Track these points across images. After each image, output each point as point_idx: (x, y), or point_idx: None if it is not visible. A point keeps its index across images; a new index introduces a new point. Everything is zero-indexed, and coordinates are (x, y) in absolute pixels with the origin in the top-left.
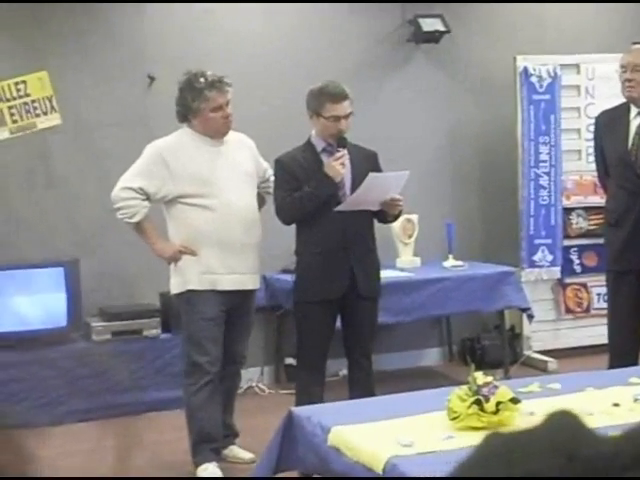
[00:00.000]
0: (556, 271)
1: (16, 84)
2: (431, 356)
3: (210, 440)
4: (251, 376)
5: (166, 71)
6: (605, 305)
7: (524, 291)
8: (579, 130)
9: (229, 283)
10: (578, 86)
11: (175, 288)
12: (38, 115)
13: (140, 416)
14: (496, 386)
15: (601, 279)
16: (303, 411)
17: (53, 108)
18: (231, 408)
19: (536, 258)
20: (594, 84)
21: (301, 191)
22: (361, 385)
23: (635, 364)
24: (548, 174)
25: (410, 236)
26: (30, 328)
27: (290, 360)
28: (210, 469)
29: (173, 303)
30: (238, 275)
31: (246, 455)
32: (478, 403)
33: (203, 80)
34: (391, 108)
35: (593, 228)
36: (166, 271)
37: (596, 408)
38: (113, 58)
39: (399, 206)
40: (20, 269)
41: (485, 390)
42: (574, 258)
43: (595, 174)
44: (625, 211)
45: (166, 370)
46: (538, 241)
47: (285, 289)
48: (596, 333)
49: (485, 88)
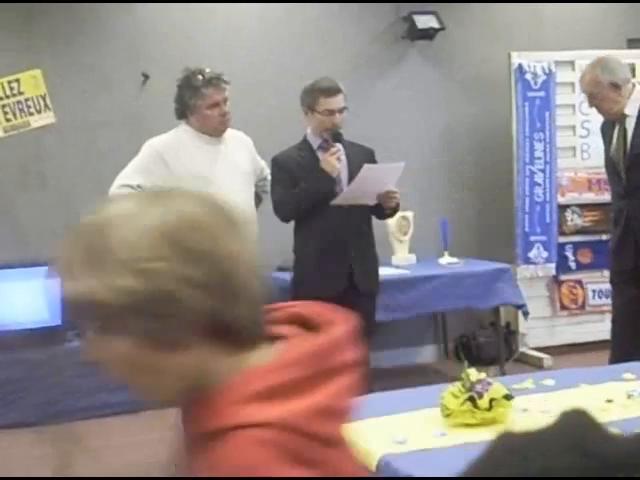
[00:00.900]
0: (551, 268)
1: (9, 82)
2: (426, 353)
3: None
4: None
5: (160, 69)
6: (600, 302)
7: (519, 288)
8: (574, 127)
9: None
10: (573, 83)
11: None
12: (32, 114)
13: (139, 414)
14: (489, 383)
15: (596, 276)
16: None
17: (47, 106)
18: None
19: (531, 255)
20: None
21: (298, 187)
22: None
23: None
24: (543, 171)
25: (405, 233)
26: (24, 327)
27: None
28: None
29: None
30: None
31: None
32: (471, 400)
33: (200, 77)
34: (386, 105)
35: (588, 225)
36: None
37: (589, 404)
38: (107, 56)
39: (395, 198)
40: (14, 268)
41: (478, 387)
42: (569, 255)
43: (590, 171)
44: (617, 214)
45: None
46: (533, 238)
47: (281, 287)
48: (591, 330)
49: (480, 85)
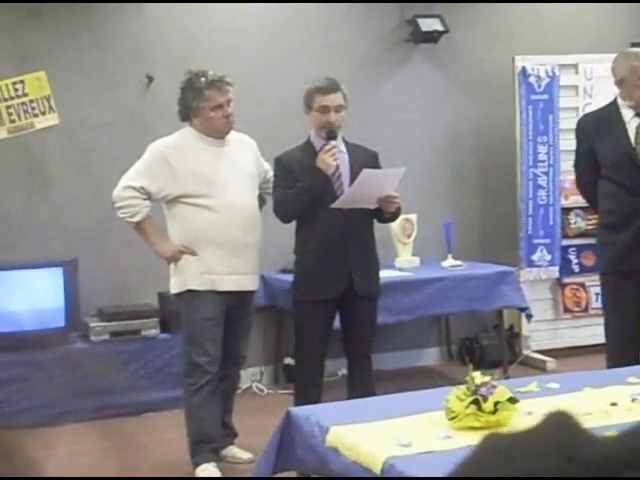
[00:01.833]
0: (554, 271)
1: (14, 84)
2: (430, 356)
3: (209, 440)
4: (250, 376)
5: (164, 71)
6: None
7: (522, 291)
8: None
9: (229, 283)
10: (576, 86)
11: (175, 288)
12: (36, 115)
13: (139, 416)
14: (494, 386)
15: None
16: (301, 411)
17: (51, 108)
18: (230, 408)
19: (535, 258)
20: (592, 84)
21: (295, 187)
22: (361, 385)
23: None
24: (547, 174)
25: (409, 236)
26: (28, 329)
27: (289, 360)
28: (209, 469)
29: (171, 303)
30: (238, 276)
31: (245, 455)
32: (476, 403)
33: (204, 79)
34: (390, 108)
35: (591, 228)
36: (164, 271)
37: (594, 408)
38: (111, 58)
39: (395, 203)
40: (18, 269)
41: (483, 390)
42: (572, 258)
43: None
44: (630, 211)
45: (165, 370)
46: (537, 241)
47: (284, 289)
48: (594, 332)
49: (483, 88)
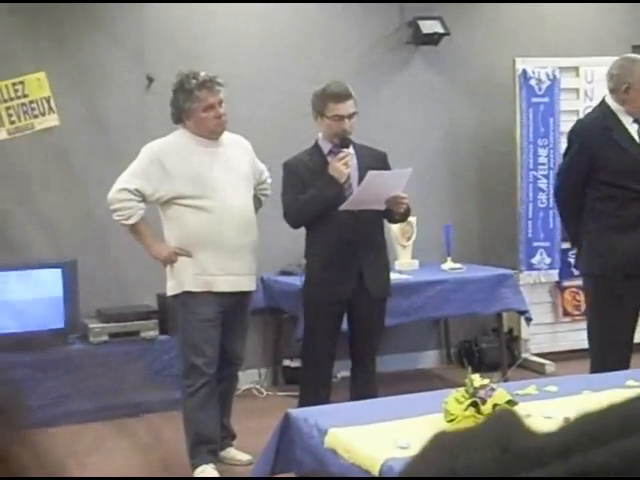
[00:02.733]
0: (554, 274)
1: (14, 85)
2: (429, 358)
3: (207, 442)
4: (249, 378)
5: (164, 72)
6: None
7: (522, 294)
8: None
9: (225, 284)
10: (577, 89)
11: (171, 290)
12: (36, 116)
13: (138, 417)
14: (493, 388)
15: None
16: (300, 413)
17: (51, 109)
18: (228, 410)
19: (534, 261)
20: (593, 87)
21: (307, 194)
22: (364, 386)
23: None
24: (547, 177)
25: (408, 239)
26: (28, 329)
27: (288, 362)
28: (207, 471)
29: (170, 305)
30: (234, 276)
31: (243, 457)
32: (475, 405)
33: (194, 81)
34: (390, 110)
35: None
36: (163, 273)
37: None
38: (111, 59)
39: (403, 204)
40: (17, 270)
41: (482, 392)
42: (572, 261)
43: None
44: (636, 216)
45: (163, 372)
46: (536, 244)
47: (284, 291)
48: None
49: (484, 90)
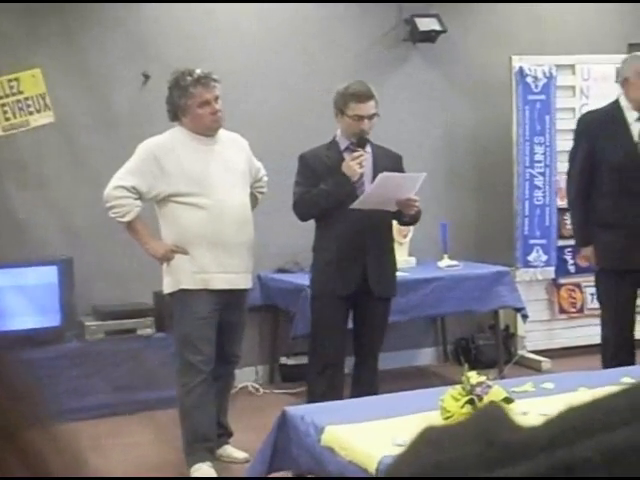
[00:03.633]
0: (550, 271)
1: (9, 81)
2: (426, 356)
3: (204, 440)
4: (246, 376)
5: (161, 69)
6: (598, 305)
7: (518, 291)
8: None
9: (222, 282)
10: (573, 87)
11: (168, 287)
12: (31, 113)
13: (134, 415)
14: (489, 386)
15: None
16: (297, 411)
17: (46, 106)
18: (225, 407)
19: (531, 258)
20: (589, 85)
21: (318, 188)
22: (366, 383)
23: (632, 361)
24: (543, 174)
25: (405, 236)
26: (23, 327)
27: (285, 360)
28: (204, 469)
29: (167, 302)
30: (231, 274)
31: (240, 455)
32: (471, 402)
33: (189, 78)
34: (387, 108)
35: None
36: (160, 270)
37: None
38: (107, 56)
39: (414, 206)
40: (13, 268)
41: (478, 390)
42: (568, 258)
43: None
44: (630, 211)
45: (160, 369)
46: (533, 241)
47: (280, 288)
48: (590, 333)
49: (481, 88)
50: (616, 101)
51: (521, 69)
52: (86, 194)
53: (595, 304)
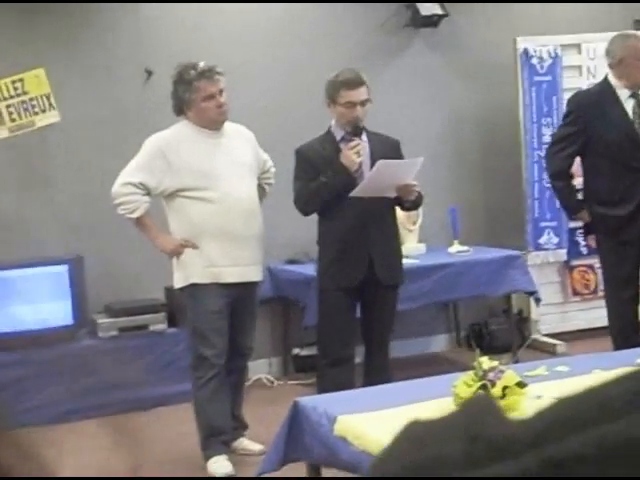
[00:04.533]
0: (562, 253)
1: (13, 82)
2: (439, 342)
3: (219, 433)
4: (259, 368)
5: (164, 65)
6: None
7: (530, 274)
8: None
9: (232, 275)
10: (580, 66)
11: (178, 282)
12: (36, 113)
13: (148, 411)
14: (502, 370)
15: None
16: (309, 401)
17: (51, 105)
18: (239, 400)
19: (542, 241)
20: (595, 64)
21: (317, 181)
22: (378, 372)
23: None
24: None
25: (414, 223)
26: (36, 327)
27: (297, 350)
28: (220, 462)
29: (178, 297)
30: (241, 267)
31: (256, 447)
32: (484, 388)
33: (193, 71)
34: (391, 94)
35: None
36: (170, 265)
37: None
38: (110, 53)
39: (414, 191)
40: (24, 268)
41: (491, 375)
42: (580, 240)
43: None
44: (630, 187)
45: (173, 364)
46: (543, 224)
47: (290, 280)
48: (604, 315)
49: (486, 71)
50: (606, 79)
51: (526, 50)
52: (94, 192)
53: None
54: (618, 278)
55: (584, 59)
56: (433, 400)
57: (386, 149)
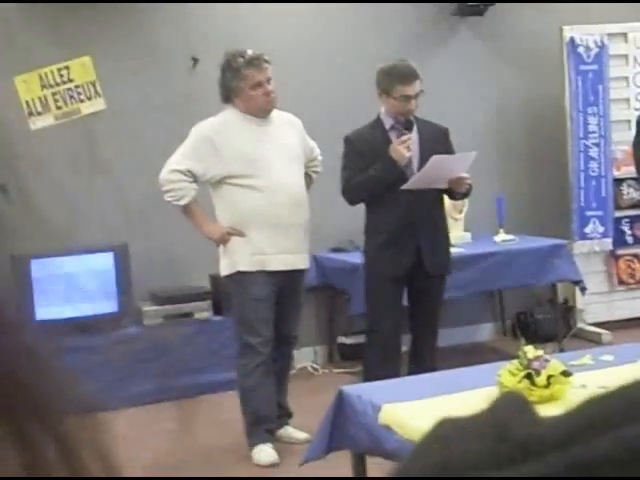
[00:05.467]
0: (608, 243)
1: (59, 70)
2: (484, 331)
3: (264, 421)
4: (304, 356)
5: (210, 52)
6: None
7: (576, 264)
8: (628, 100)
9: (278, 263)
10: (626, 55)
11: (225, 270)
12: (82, 100)
13: (194, 399)
14: (547, 359)
15: None
16: (354, 390)
17: (97, 93)
18: (284, 388)
19: (587, 230)
20: None
21: (366, 174)
22: (423, 361)
23: None
24: (597, 145)
25: (460, 212)
26: (82, 314)
27: (343, 339)
28: (265, 450)
29: (223, 285)
30: (287, 255)
31: (300, 435)
32: (529, 377)
33: (241, 59)
34: (437, 83)
35: None
36: (216, 253)
37: None
38: (156, 41)
39: (465, 184)
40: (69, 255)
41: (536, 364)
42: (626, 229)
43: None
44: None
45: (218, 352)
46: (589, 213)
47: (337, 268)
48: None
49: (532, 60)
50: None
51: (572, 39)
52: (140, 179)
53: None
54: None
55: (631, 48)
56: (478, 389)
57: (435, 139)
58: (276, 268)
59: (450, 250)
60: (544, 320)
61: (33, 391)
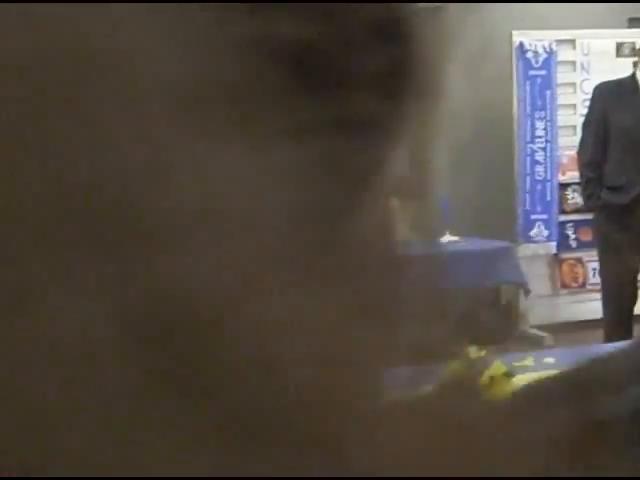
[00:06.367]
0: (552, 246)
1: None
2: None
3: None
4: None
5: None
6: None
7: (520, 266)
8: (575, 105)
9: None
10: (574, 62)
11: None
12: None
13: None
14: (489, 361)
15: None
16: None
17: None
18: None
19: (532, 233)
20: (589, 59)
21: None
22: None
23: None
24: (544, 149)
25: None
26: None
27: None
28: None
29: None
30: None
31: None
32: None
33: None
34: None
35: None
36: None
37: None
38: None
39: None
40: None
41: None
42: (570, 233)
43: None
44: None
45: None
46: (534, 216)
47: None
48: (592, 308)
49: (480, 64)
50: (633, 74)
51: (521, 44)
52: None
53: (597, 279)
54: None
55: (578, 55)
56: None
57: None
58: None
59: None
60: (487, 322)
61: None
